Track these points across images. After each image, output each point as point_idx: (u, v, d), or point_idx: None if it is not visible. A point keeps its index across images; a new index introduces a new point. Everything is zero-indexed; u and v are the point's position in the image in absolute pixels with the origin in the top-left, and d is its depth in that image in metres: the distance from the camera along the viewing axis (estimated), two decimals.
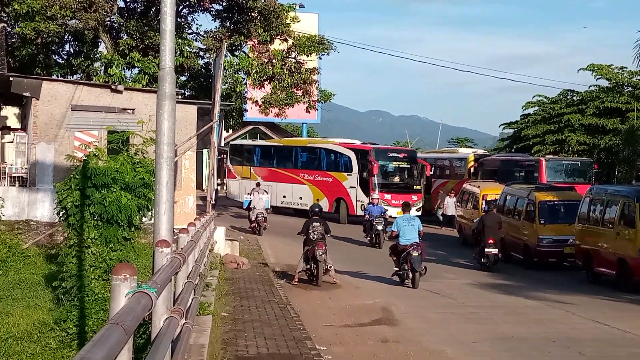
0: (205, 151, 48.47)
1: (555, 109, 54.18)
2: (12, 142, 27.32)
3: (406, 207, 23.52)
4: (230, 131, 64.58)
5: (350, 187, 40.78)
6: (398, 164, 41.45)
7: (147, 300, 4.85)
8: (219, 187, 52.93)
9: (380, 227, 31.54)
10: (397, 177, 41.50)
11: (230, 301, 16.28)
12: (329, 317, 16.25)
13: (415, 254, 20.45)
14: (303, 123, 71.77)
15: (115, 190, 14.63)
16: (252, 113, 47.99)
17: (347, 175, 41.05)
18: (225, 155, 61.68)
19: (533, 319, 16.76)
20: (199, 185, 45.64)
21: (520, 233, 27.18)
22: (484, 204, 31.96)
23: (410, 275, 20.71)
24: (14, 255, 21.92)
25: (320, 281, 20.39)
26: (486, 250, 25.01)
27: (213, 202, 28.67)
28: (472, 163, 43.10)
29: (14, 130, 28.00)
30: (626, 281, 21.17)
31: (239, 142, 57.24)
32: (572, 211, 25.37)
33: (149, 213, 15.09)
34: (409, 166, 41.60)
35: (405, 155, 42.69)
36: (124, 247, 15.10)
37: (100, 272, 14.38)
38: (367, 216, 33.41)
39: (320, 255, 20.24)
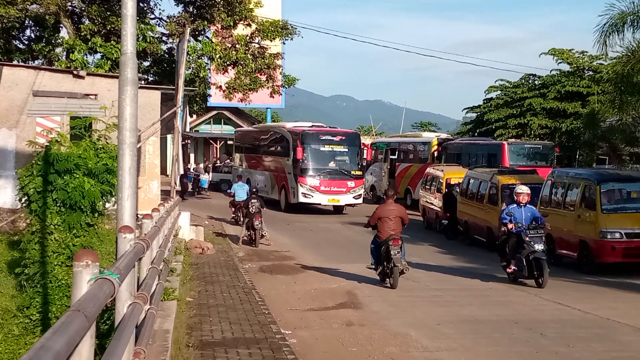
0: (169, 136, 48.25)
1: (517, 93, 54.62)
2: None
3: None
4: (195, 116, 64.33)
5: (288, 172, 39.03)
6: (332, 148, 38.80)
7: (110, 287, 4.84)
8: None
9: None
10: (331, 162, 38.69)
11: (195, 286, 16.29)
12: (294, 301, 16.31)
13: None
14: (267, 108, 71.74)
15: (78, 176, 14.52)
16: (216, 98, 47.81)
17: (287, 160, 39.15)
18: (189, 141, 61.47)
19: (496, 302, 16.93)
20: (163, 171, 45.47)
21: (483, 216, 27.37)
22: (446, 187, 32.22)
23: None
24: None
25: (257, 243, 25.78)
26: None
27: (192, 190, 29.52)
28: (436, 147, 43.26)
29: None
30: (588, 263, 21.43)
31: (245, 128, 55.78)
32: (534, 194, 25.55)
33: (113, 199, 15.02)
34: (345, 149, 39.06)
35: (343, 138, 39.68)
36: (88, 234, 15.01)
37: (63, 259, 14.29)
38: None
39: (257, 224, 25.98)
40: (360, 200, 39.18)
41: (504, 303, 16.73)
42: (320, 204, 38.40)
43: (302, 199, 37.83)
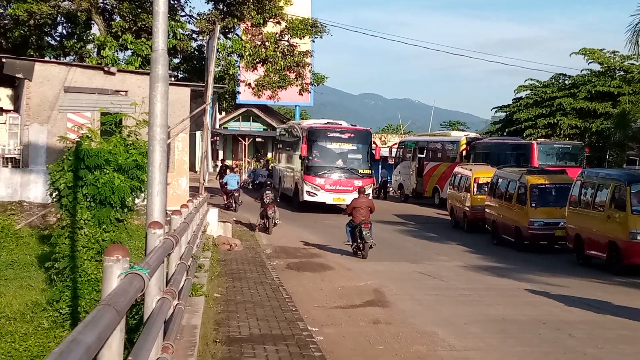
0: (198, 133, 48.42)
1: (547, 93, 54.29)
2: (4, 123, 27.22)
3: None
4: (224, 113, 64.52)
5: (298, 170, 38.34)
6: (340, 145, 37.63)
7: (140, 282, 4.89)
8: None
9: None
10: (339, 160, 37.49)
11: (223, 282, 16.35)
12: (321, 299, 16.33)
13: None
14: (296, 106, 71.73)
15: (108, 171, 14.63)
16: (245, 95, 47.89)
17: (299, 157, 38.24)
18: (217, 138, 61.52)
19: (524, 301, 16.86)
20: (192, 168, 45.64)
21: (511, 216, 27.26)
22: (475, 187, 32.14)
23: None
24: (6, 236, 21.93)
25: (271, 230, 28.04)
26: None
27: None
28: (464, 146, 43.10)
29: (7, 111, 27.88)
30: (616, 264, 21.28)
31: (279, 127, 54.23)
32: (563, 194, 25.46)
33: (142, 195, 15.10)
34: (354, 147, 37.81)
35: (351, 135, 38.19)
36: (117, 229, 15.12)
37: (92, 253, 14.41)
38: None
39: (270, 213, 28.29)
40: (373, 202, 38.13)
41: (531, 303, 16.65)
42: (324, 203, 36.92)
43: (306, 197, 36.82)
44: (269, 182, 32.50)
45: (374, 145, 39.57)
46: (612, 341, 13.01)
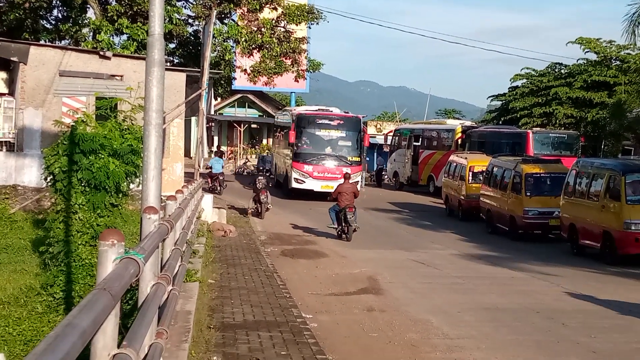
0: (193, 119, 48.35)
1: (543, 82, 54.26)
2: None
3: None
4: (219, 99, 64.42)
5: (288, 157, 38.14)
6: (329, 132, 37.40)
7: (135, 267, 4.87)
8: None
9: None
10: (328, 147, 37.25)
11: (217, 268, 16.36)
12: (316, 286, 16.35)
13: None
14: (292, 92, 71.69)
15: (103, 156, 14.60)
16: (241, 81, 47.78)
17: (288, 144, 37.99)
18: (213, 124, 61.38)
19: (518, 290, 16.90)
20: (187, 153, 45.60)
21: (506, 205, 27.29)
22: (470, 175, 32.16)
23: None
24: (0, 220, 21.90)
25: (263, 215, 28.87)
26: None
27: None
28: (460, 135, 43.09)
29: (1, 95, 27.79)
30: (610, 254, 21.33)
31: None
32: (558, 184, 25.50)
33: (137, 180, 15.10)
34: (343, 134, 37.61)
35: (341, 122, 37.87)
36: (112, 214, 15.11)
37: (87, 238, 14.39)
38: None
39: (263, 198, 29.01)
40: (357, 188, 37.41)
41: (525, 292, 16.69)
42: (312, 190, 36.53)
43: (294, 184, 36.67)
44: (261, 168, 32.47)
45: (363, 132, 38.88)
46: (606, 330, 13.04)
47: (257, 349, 9.93)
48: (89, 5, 35.85)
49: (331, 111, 39.49)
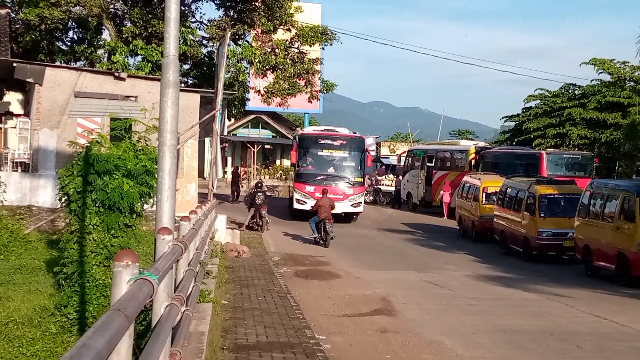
0: (207, 139, 48.44)
1: (556, 103, 54.27)
2: (14, 127, 27.31)
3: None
4: (233, 120, 64.59)
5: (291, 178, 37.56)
6: (331, 152, 36.79)
7: (149, 287, 4.88)
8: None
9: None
10: (330, 167, 36.64)
11: (231, 289, 16.35)
12: (329, 307, 16.32)
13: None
14: (305, 113, 71.83)
15: (117, 177, 14.64)
16: (255, 102, 47.93)
17: (291, 164, 37.43)
18: (226, 144, 61.49)
19: (532, 312, 16.81)
20: (201, 174, 45.67)
21: (520, 226, 27.21)
22: (484, 196, 32.09)
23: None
24: (15, 240, 21.95)
25: (264, 230, 30.32)
26: None
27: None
28: (473, 155, 43.07)
29: (17, 116, 27.99)
30: (625, 275, 21.21)
31: None
32: (572, 205, 25.41)
33: (151, 200, 15.11)
34: (346, 155, 36.90)
35: (343, 142, 37.20)
36: (126, 234, 15.12)
37: (101, 259, 14.41)
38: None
39: (264, 214, 30.64)
40: (360, 209, 36.52)
41: (539, 314, 16.61)
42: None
43: (295, 205, 35.99)
44: (259, 184, 33.00)
45: (366, 152, 38.27)
46: (621, 353, 12.96)
47: None
48: (104, 27, 36.13)
49: (337, 131, 38.78)
